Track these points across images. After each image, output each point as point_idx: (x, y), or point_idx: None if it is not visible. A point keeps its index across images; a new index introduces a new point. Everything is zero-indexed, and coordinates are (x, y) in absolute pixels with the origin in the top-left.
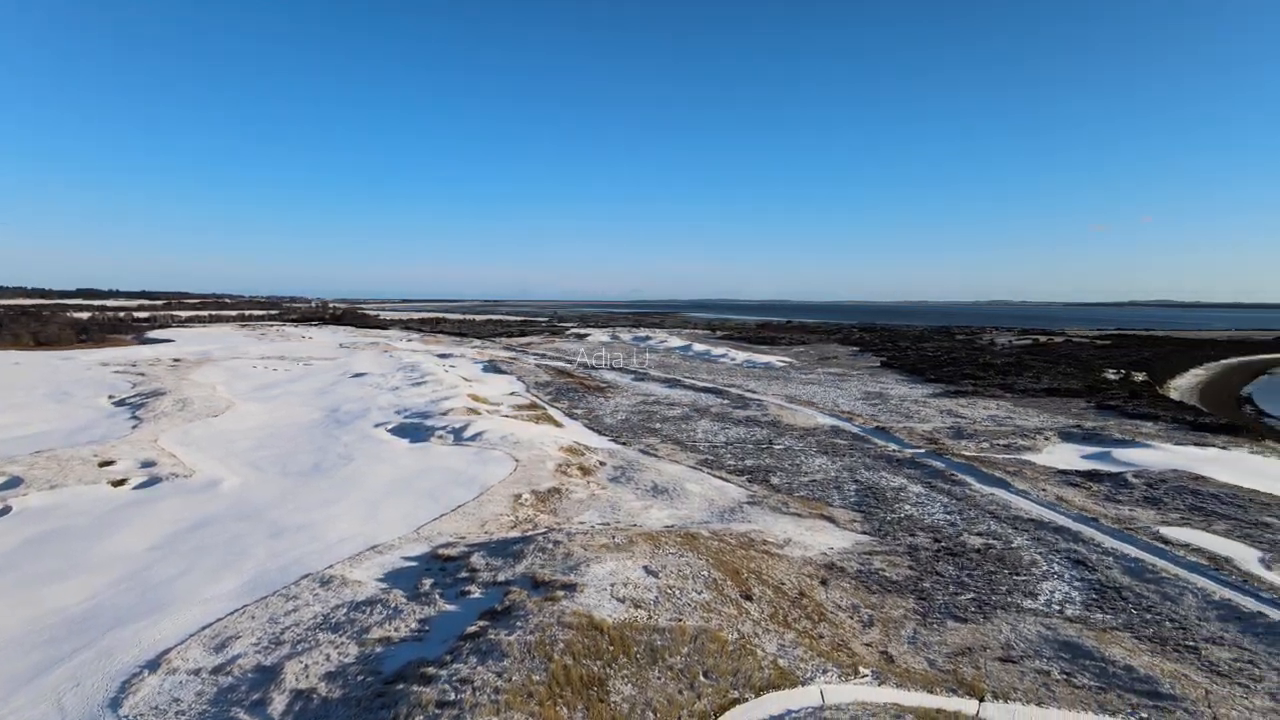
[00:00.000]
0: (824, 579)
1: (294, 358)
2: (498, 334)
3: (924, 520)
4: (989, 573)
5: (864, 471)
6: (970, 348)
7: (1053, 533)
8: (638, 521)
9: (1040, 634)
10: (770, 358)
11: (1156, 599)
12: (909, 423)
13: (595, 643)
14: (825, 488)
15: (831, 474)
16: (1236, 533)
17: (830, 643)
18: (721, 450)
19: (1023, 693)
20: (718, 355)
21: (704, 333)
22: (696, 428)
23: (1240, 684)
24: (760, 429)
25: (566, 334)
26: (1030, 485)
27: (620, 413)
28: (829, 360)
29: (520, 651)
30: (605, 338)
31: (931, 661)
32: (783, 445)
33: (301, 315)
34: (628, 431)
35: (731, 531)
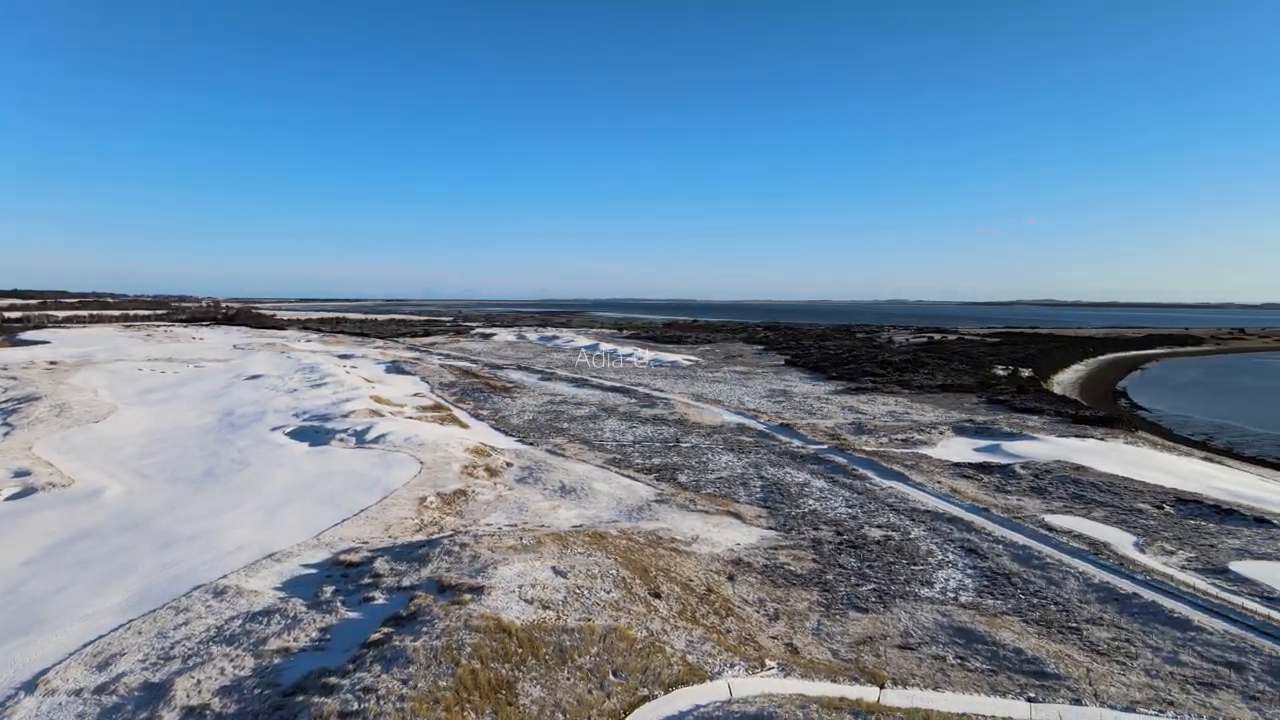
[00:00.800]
0: (731, 574)
1: (183, 360)
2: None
3: (827, 514)
4: (889, 563)
5: (769, 468)
6: (870, 346)
7: (947, 523)
8: (546, 522)
9: (936, 621)
10: (677, 356)
11: (1042, 584)
12: (812, 419)
13: (503, 645)
14: (732, 484)
15: (738, 471)
16: (1114, 519)
17: (738, 637)
18: (629, 449)
19: (921, 678)
20: (625, 354)
21: (611, 332)
22: (604, 427)
23: (1118, 661)
24: (668, 427)
25: (471, 334)
26: (927, 478)
27: (527, 413)
28: (734, 359)
29: (426, 657)
30: (511, 337)
31: (835, 651)
32: (690, 443)
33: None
34: (535, 432)
35: (640, 530)
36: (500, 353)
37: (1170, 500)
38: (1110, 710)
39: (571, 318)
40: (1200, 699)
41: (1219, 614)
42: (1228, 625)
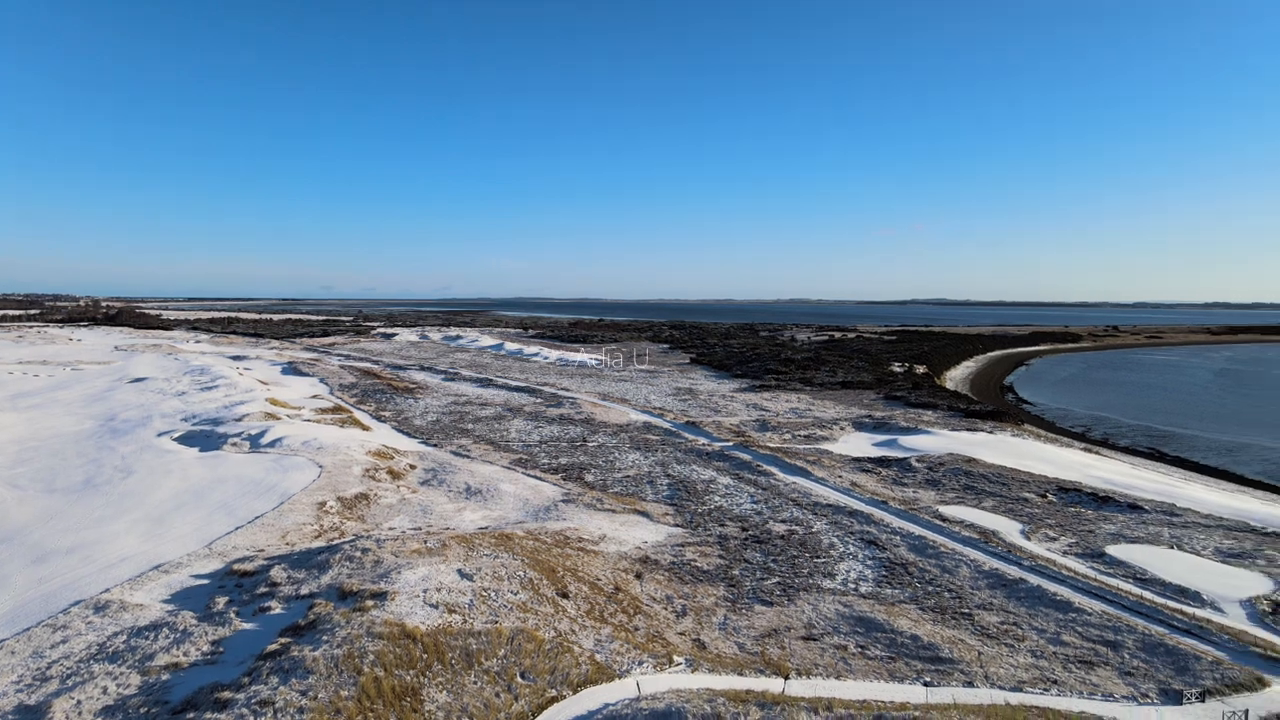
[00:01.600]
0: (639, 572)
1: (59, 362)
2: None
3: (733, 510)
4: (792, 557)
5: (676, 466)
6: (773, 344)
7: (848, 516)
8: (451, 524)
9: (838, 611)
10: (583, 356)
11: (937, 572)
12: (717, 417)
13: (408, 652)
14: (639, 483)
15: (645, 469)
16: (1002, 508)
17: (646, 634)
18: (536, 449)
19: (824, 668)
20: (530, 354)
21: (516, 331)
22: (510, 427)
23: (1007, 644)
24: (574, 427)
25: (372, 334)
26: (828, 473)
27: (431, 414)
28: (641, 358)
29: (327, 667)
30: (414, 337)
31: (741, 645)
32: (597, 442)
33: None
34: (439, 433)
35: (547, 530)
36: (403, 353)
37: (1053, 489)
38: (1000, 691)
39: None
40: (1081, 676)
41: (1097, 595)
42: (1105, 606)
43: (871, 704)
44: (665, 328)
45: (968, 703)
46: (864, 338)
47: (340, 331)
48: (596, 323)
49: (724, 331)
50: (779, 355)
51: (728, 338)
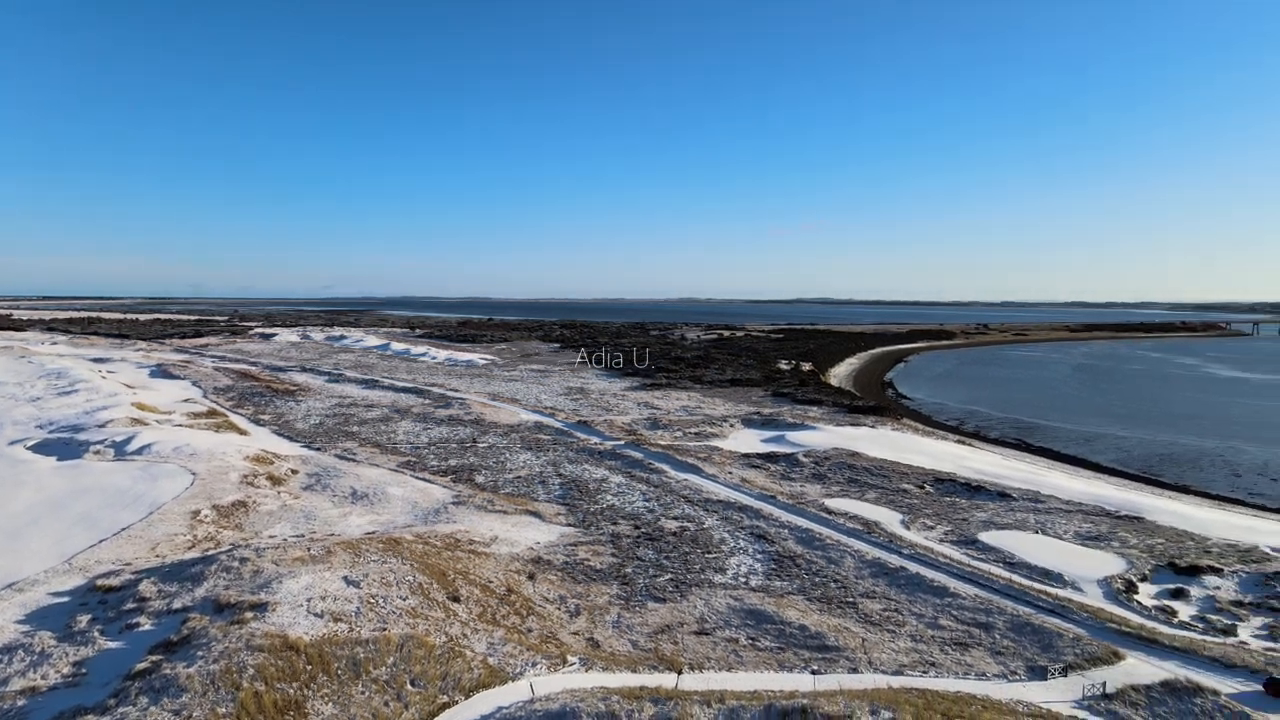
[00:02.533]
0: (531, 573)
1: None
2: (168, 335)
3: (625, 509)
4: (684, 553)
5: (568, 465)
6: (664, 343)
7: (738, 511)
8: (336, 530)
9: (729, 605)
10: (472, 355)
11: (824, 563)
12: (609, 416)
13: (291, 664)
14: (530, 483)
15: (536, 469)
16: (884, 499)
17: (539, 635)
18: (424, 451)
19: (716, 661)
20: (418, 354)
21: (403, 331)
22: (397, 429)
23: (888, 630)
24: (464, 428)
25: (250, 334)
26: (719, 469)
27: (314, 416)
28: (531, 357)
29: (202, 684)
30: (295, 338)
31: (634, 642)
32: (487, 443)
33: None
34: (323, 436)
35: (437, 533)
36: (283, 354)
37: (930, 480)
38: (882, 675)
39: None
40: (956, 658)
41: (971, 580)
42: (978, 590)
43: (762, 694)
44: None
45: (853, 688)
46: (752, 336)
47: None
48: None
49: (615, 330)
50: (669, 354)
51: (619, 337)
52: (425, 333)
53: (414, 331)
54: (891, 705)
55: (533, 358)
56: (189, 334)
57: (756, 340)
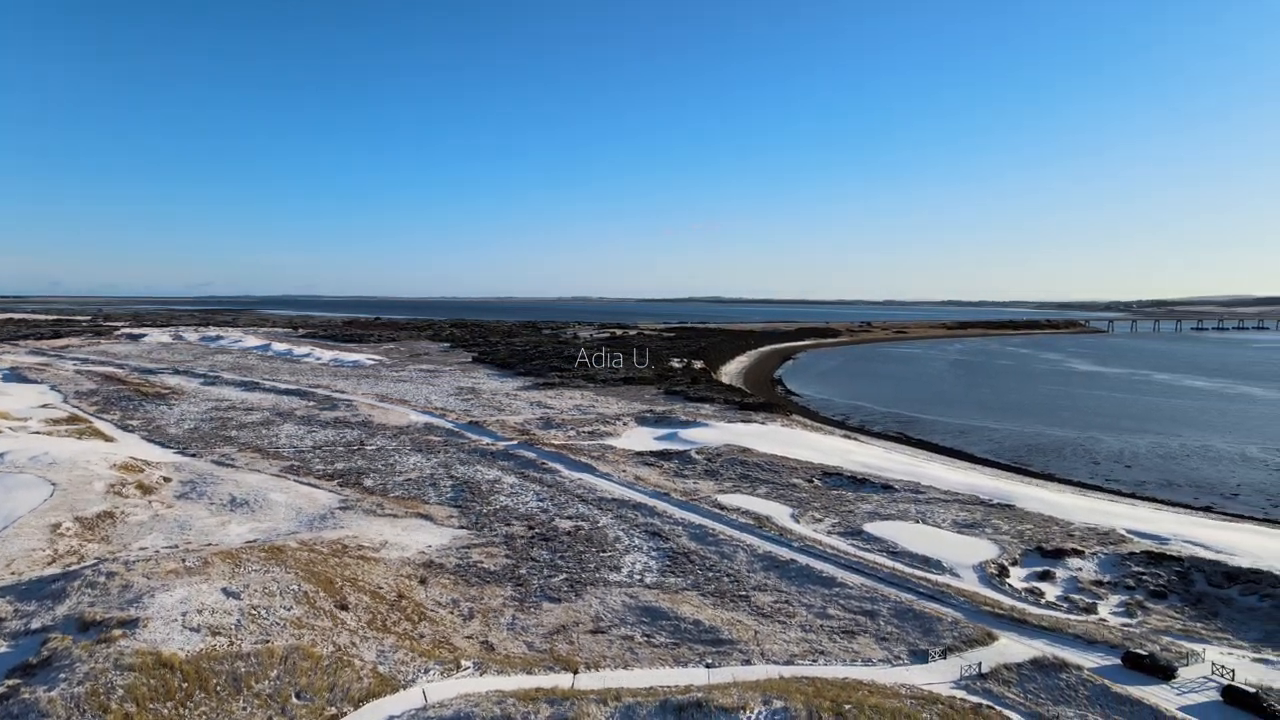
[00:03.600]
0: (423, 578)
1: None
2: (21, 335)
3: (519, 509)
4: (579, 553)
5: (460, 466)
6: (556, 341)
7: (633, 509)
8: (214, 540)
9: (625, 603)
10: (359, 356)
11: (717, 558)
12: (501, 416)
13: (165, 682)
14: (421, 485)
15: (427, 471)
16: (774, 494)
17: (432, 641)
18: (309, 455)
19: (612, 659)
20: (301, 354)
21: (285, 331)
22: (280, 432)
23: (780, 621)
24: (351, 430)
25: (116, 335)
26: (613, 468)
27: (188, 421)
28: (421, 357)
29: (66, 708)
30: (167, 338)
31: (530, 644)
32: (375, 445)
33: None
34: (198, 441)
35: (323, 540)
36: (154, 355)
37: (818, 474)
38: (774, 666)
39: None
40: (844, 646)
41: (857, 570)
42: (864, 579)
43: (658, 690)
44: (446, 326)
45: (746, 680)
46: (645, 335)
47: (76, 332)
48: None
49: (506, 330)
50: (562, 353)
51: (510, 336)
52: (309, 333)
53: (297, 331)
54: (783, 695)
55: (422, 358)
56: (47, 334)
57: (649, 339)
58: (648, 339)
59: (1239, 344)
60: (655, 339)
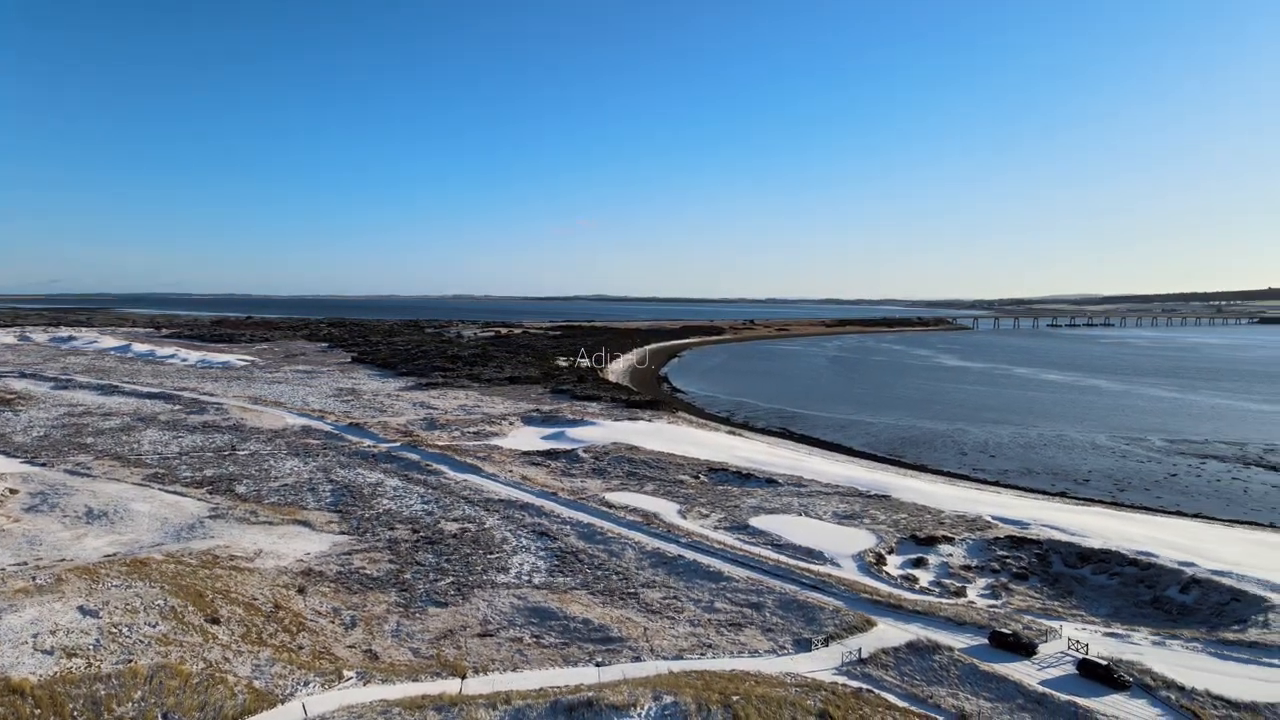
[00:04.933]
0: (302, 587)
1: None
2: None
3: (403, 512)
4: (466, 555)
5: (340, 470)
6: (440, 340)
7: (520, 510)
8: (69, 555)
9: (513, 605)
10: (229, 356)
11: (605, 556)
12: (383, 417)
13: (15, 709)
14: (299, 491)
15: (305, 476)
16: (661, 491)
17: (311, 652)
18: (175, 461)
19: (500, 662)
20: (165, 356)
21: (147, 331)
22: (142, 439)
23: (668, 617)
24: (221, 434)
25: None
26: (499, 468)
27: (37, 428)
28: (296, 357)
29: None
30: (11, 339)
31: (416, 650)
32: (248, 450)
33: None
34: (49, 450)
35: (191, 551)
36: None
37: (704, 470)
38: (664, 661)
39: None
40: (732, 638)
41: (743, 564)
42: (749, 572)
43: (548, 691)
44: (324, 325)
45: (636, 676)
46: (530, 333)
47: None
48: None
49: (387, 328)
50: (446, 352)
51: (391, 335)
52: (173, 332)
53: (160, 331)
54: (673, 689)
55: (298, 358)
56: None
57: (535, 337)
58: (534, 337)
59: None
60: (542, 337)
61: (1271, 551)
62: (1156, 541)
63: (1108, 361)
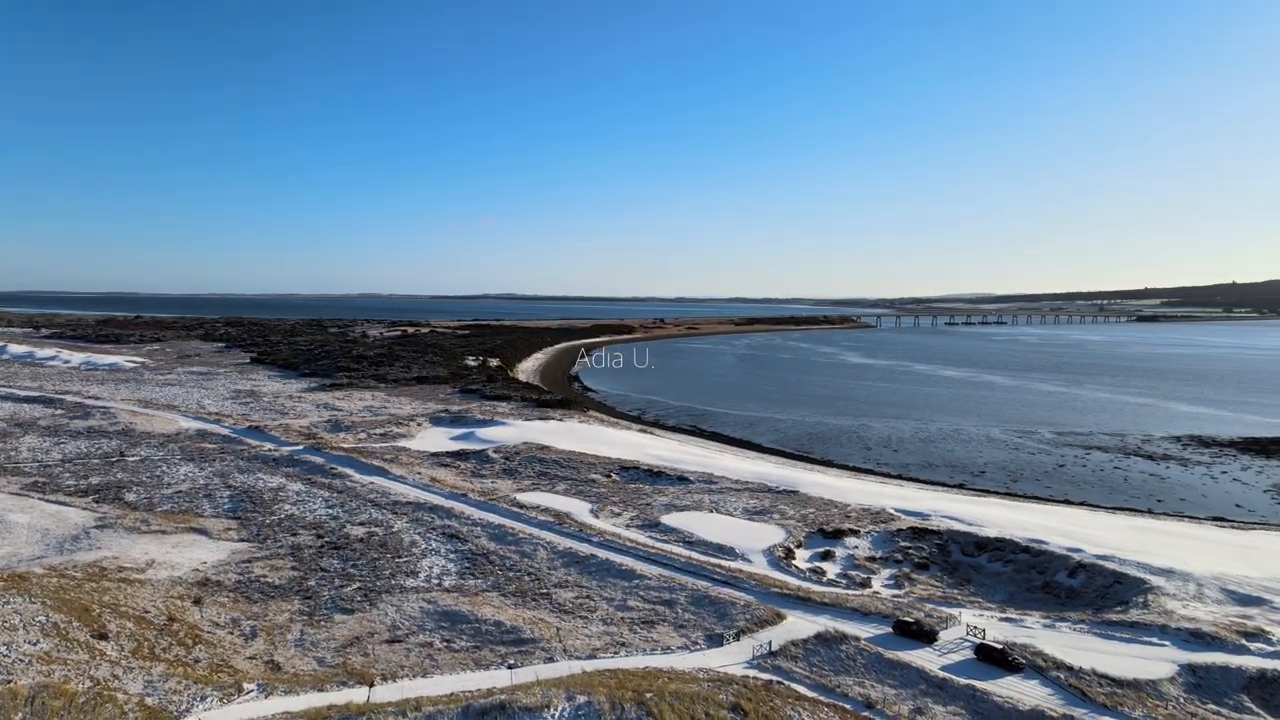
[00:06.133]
0: (198, 598)
1: None
2: None
3: (306, 518)
4: (373, 560)
5: (238, 475)
6: (344, 340)
7: (429, 512)
8: None
9: (423, 609)
10: (117, 358)
11: (517, 558)
12: (285, 419)
13: None
14: (194, 498)
15: (200, 482)
16: (573, 490)
17: (209, 665)
18: (57, 469)
19: (410, 668)
20: (46, 357)
21: (24, 331)
22: (19, 446)
23: (581, 617)
24: (108, 440)
25: None
26: (407, 470)
27: None
28: (191, 358)
29: None
30: None
31: (321, 659)
32: (139, 456)
33: None
34: None
35: (76, 563)
36: None
37: (616, 469)
38: (577, 661)
39: None
40: (645, 636)
41: (655, 561)
42: (662, 570)
43: (459, 695)
44: (220, 325)
45: (549, 678)
46: (438, 332)
47: None
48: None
49: (288, 328)
50: (350, 352)
51: (293, 334)
52: (54, 332)
53: (39, 331)
54: (586, 689)
55: (193, 359)
56: None
57: (442, 336)
58: (441, 336)
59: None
60: (450, 337)
61: (1149, 536)
62: (1047, 529)
63: (1001, 358)
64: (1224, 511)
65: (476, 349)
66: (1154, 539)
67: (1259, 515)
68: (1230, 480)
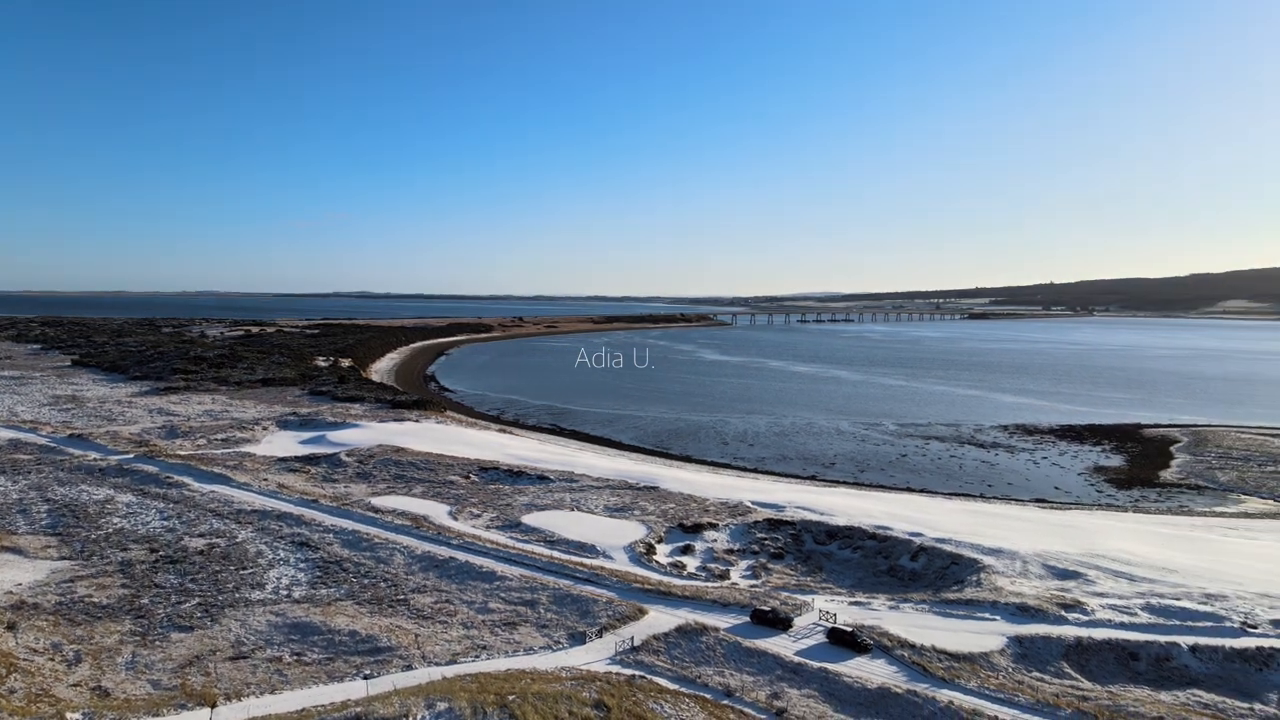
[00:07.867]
0: (11, 622)
1: None
2: None
3: (138, 531)
4: (215, 573)
5: (58, 488)
6: (180, 340)
7: (277, 520)
8: None
9: (270, 622)
10: None
11: (372, 564)
12: (113, 426)
13: None
14: (6, 513)
15: (14, 496)
16: (431, 493)
17: (26, 695)
18: None
19: (256, 685)
20: None
21: None
22: None
23: (441, 622)
24: None
25: None
26: (252, 477)
27: None
28: (2, 362)
29: None
30: None
31: (156, 682)
32: None
33: None
34: None
35: None
36: None
37: (475, 470)
38: (437, 667)
39: None
40: (507, 638)
41: (516, 562)
42: (523, 570)
43: (311, 710)
44: (35, 325)
45: (407, 686)
46: (285, 332)
47: None
48: None
49: (116, 328)
50: (187, 353)
51: (121, 335)
52: None
53: None
54: (447, 695)
55: (4, 362)
56: None
57: (290, 336)
58: (289, 336)
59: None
60: (298, 336)
61: (981, 519)
62: (891, 516)
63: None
64: (1045, 494)
65: (327, 349)
66: (986, 521)
67: (1074, 496)
68: (1050, 465)
